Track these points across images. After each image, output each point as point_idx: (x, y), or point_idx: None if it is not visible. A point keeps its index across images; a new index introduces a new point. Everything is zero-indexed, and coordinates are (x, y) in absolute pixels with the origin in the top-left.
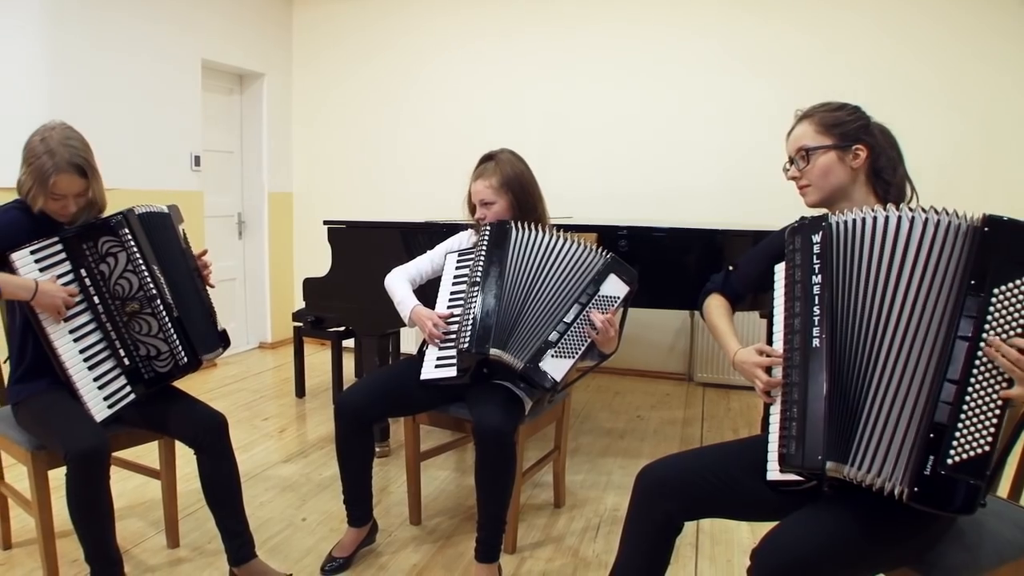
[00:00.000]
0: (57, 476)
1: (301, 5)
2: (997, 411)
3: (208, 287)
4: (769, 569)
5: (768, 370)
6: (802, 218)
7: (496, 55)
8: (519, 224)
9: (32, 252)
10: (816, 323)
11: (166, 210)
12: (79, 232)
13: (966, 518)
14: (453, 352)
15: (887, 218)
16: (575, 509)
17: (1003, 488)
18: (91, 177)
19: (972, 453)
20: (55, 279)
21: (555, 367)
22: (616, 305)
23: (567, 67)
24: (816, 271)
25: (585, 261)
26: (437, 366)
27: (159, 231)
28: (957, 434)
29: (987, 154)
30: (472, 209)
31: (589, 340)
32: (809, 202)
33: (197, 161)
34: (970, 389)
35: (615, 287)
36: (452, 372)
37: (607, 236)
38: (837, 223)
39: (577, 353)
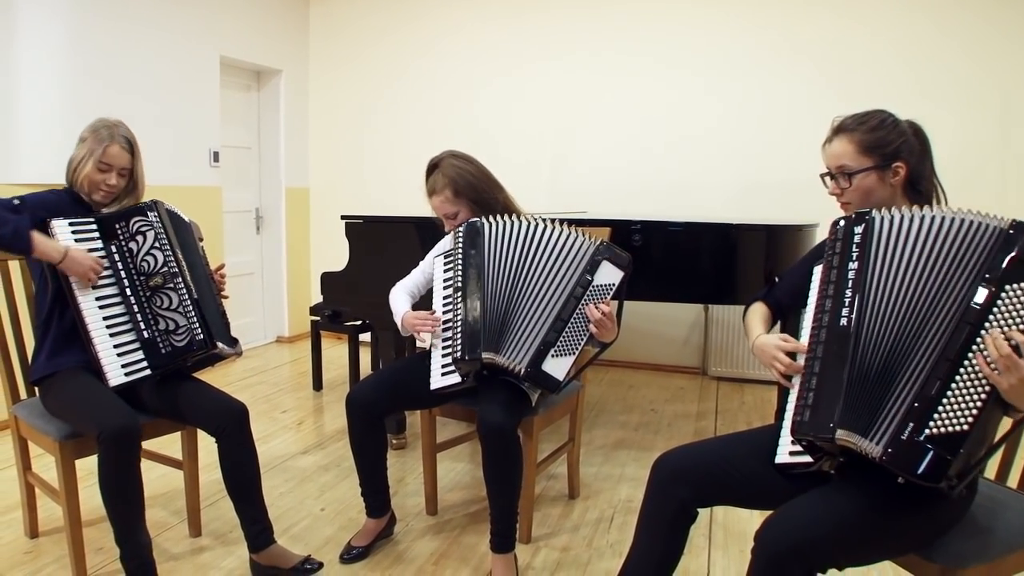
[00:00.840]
0: (84, 466)
1: (318, 2)
2: (984, 395)
3: (223, 297)
4: (772, 552)
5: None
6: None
7: (514, 48)
8: (491, 219)
9: (71, 224)
10: (846, 303)
11: (188, 220)
12: (114, 214)
13: (976, 507)
14: None
15: (927, 218)
16: (589, 500)
17: (1013, 478)
18: (136, 157)
19: (949, 428)
20: (86, 251)
21: (557, 367)
22: (611, 294)
23: (585, 59)
24: (854, 258)
25: (573, 249)
26: (444, 373)
27: (182, 230)
28: (940, 408)
29: (1004, 150)
30: (442, 222)
31: (588, 334)
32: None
33: (216, 157)
34: (962, 370)
35: (609, 274)
36: (458, 378)
37: (620, 230)
38: (882, 218)
39: (578, 349)
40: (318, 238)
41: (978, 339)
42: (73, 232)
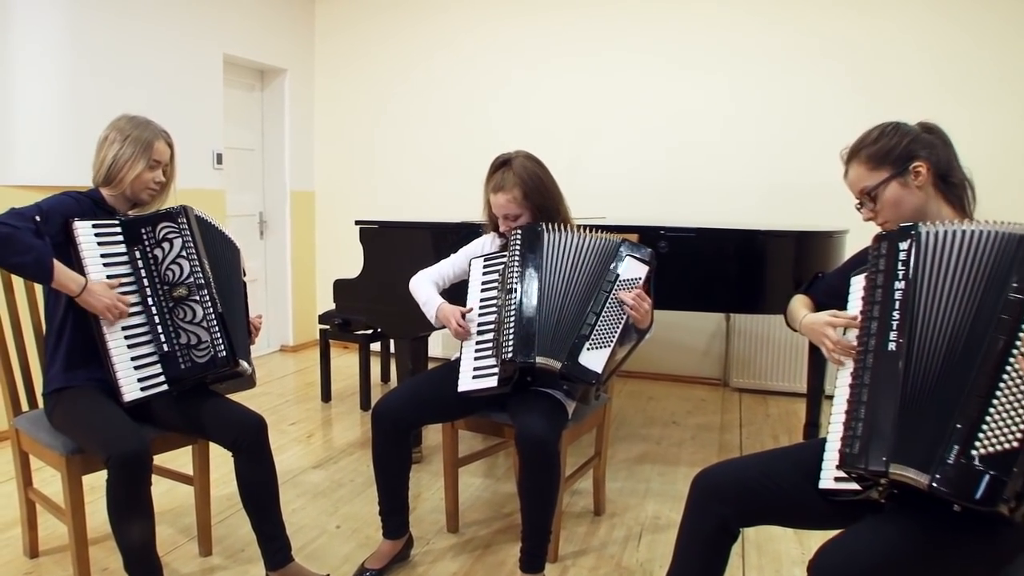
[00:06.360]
0: (89, 481)
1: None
2: None
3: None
4: None
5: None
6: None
7: (529, 47)
8: (550, 226)
9: (94, 225)
10: (894, 327)
11: (232, 239)
12: (139, 217)
13: None
14: (491, 361)
15: (972, 233)
16: (615, 517)
17: None
18: (174, 152)
19: (999, 447)
20: (111, 277)
21: (594, 359)
22: (640, 284)
23: (603, 60)
24: (900, 277)
25: (603, 251)
26: (475, 376)
27: (214, 240)
28: (984, 427)
29: None
30: (492, 219)
31: (622, 324)
32: None
33: (219, 159)
34: (1002, 384)
35: (634, 269)
36: (492, 382)
37: (646, 236)
38: (928, 232)
39: (612, 340)
40: (324, 243)
41: (1013, 350)
42: (96, 235)
